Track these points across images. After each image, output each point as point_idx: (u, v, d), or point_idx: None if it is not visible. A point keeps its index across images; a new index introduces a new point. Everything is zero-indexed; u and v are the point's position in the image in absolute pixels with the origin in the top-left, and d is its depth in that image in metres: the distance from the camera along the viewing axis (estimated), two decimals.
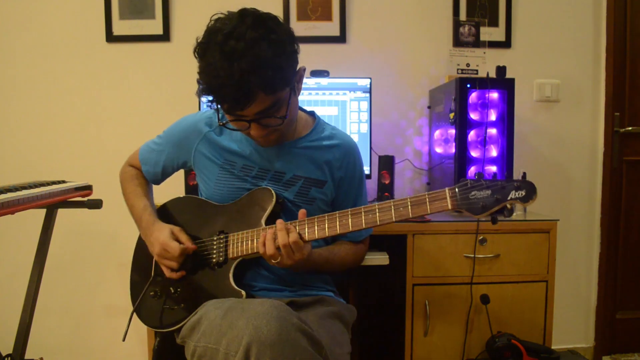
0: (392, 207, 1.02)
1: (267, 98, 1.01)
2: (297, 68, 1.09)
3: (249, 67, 0.96)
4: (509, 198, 0.95)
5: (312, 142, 1.23)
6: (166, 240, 1.16)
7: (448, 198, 0.98)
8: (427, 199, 0.99)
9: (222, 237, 1.18)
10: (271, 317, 0.88)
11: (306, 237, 1.07)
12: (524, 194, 0.94)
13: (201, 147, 1.25)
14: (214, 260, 1.17)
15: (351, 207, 1.09)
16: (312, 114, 1.31)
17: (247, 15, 1.00)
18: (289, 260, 1.06)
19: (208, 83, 1.00)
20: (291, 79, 1.06)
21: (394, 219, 1.02)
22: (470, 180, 0.97)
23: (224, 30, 0.98)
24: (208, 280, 1.16)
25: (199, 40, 1.03)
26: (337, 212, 1.07)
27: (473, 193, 0.96)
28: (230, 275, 1.13)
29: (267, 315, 0.88)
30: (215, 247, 1.18)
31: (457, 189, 0.98)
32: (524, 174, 0.98)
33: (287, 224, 1.08)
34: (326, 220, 1.07)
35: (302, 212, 1.10)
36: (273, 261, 1.07)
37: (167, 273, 1.18)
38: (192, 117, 1.30)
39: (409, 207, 1.00)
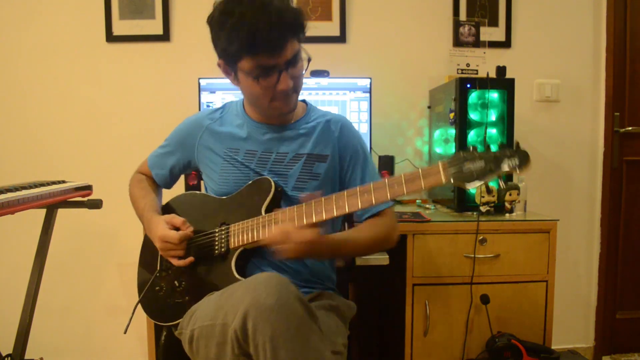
0: (387, 185, 1.01)
1: (295, 44, 1.09)
2: None
3: (283, 8, 1.04)
4: (502, 169, 0.93)
5: (308, 123, 1.29)
6: (163, 232, 1.17)
7: (441, 172, 0.96)
8: (421, 174, 0.97)
9: (223, 228, 1.20)
10: (270, 285, 0.90)
11: (303, 221, 1.06)
12: (517, 162, 0.93)
13: (204, 140, 1.29)
14: (216, 251, 1.18)
15: (360, 181, 1.22)
16: (303, 101, 1.37)
17: None
18: (291, 248, 1.03)
19: (242, 37, 1.02)
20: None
21: (389, 197, 1.01)
22: (463, 152, 0.96)
23: None
24: (211, 271, 1.18)
25: (216, 14, 1.07)
26: (334, 194, 1.06)
27: (467, 166, 0.94)
28: (233, 265, 1.14)
29: (266, 283, 0.90)
30: (217, 238, 1.20)
31: (450, 162, 0.96)
32: (517, 143, 0.97)
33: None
34: (323, 203, 1.06)
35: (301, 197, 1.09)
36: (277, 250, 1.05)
37: (176, 262, 1.19)
38: (194, 115, 1.36)
39: (404, 185, 0.99)
